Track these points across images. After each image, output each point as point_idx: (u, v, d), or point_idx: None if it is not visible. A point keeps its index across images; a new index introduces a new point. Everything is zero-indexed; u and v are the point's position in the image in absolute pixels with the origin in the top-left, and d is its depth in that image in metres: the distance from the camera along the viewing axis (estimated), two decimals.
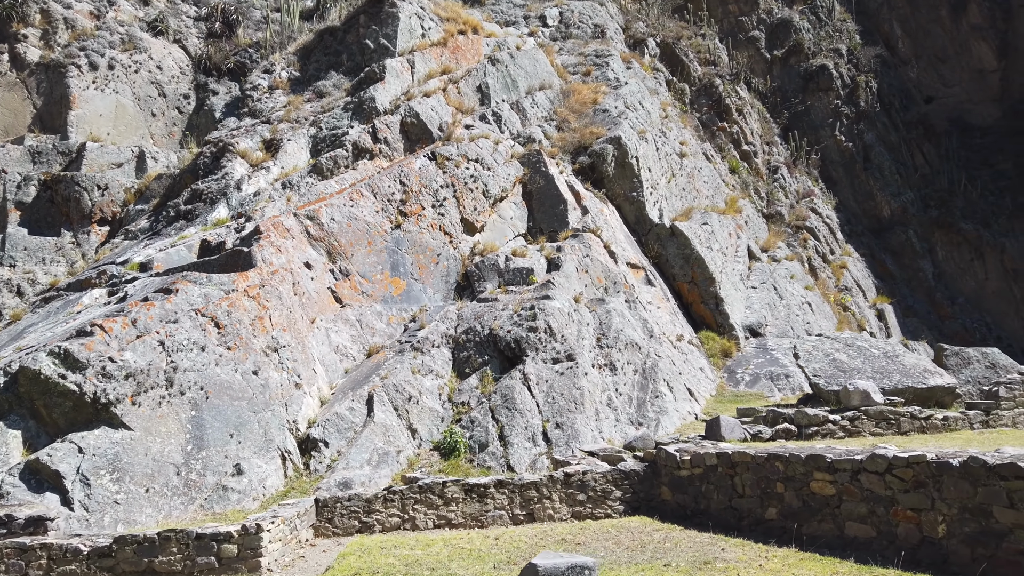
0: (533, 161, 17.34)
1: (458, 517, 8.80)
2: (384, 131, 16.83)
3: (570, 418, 11.84)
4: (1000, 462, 5.79)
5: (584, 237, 15.99)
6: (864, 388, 11.63)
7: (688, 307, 18.16)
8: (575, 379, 12.45)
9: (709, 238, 18.74)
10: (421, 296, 14.21)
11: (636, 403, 13.16)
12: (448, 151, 16.02)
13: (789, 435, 11.27)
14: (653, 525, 8.41)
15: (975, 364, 13.42)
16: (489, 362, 12.80)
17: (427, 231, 14.72)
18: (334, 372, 12.17)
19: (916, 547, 6.38)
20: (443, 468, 10.96)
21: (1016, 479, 5.66)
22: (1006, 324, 30.81)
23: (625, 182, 18.55)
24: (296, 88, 19.33)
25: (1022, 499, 5.62)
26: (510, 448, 11.32)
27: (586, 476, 9.21)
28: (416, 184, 15.02)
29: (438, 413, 11.94)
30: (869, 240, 30.86)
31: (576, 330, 13.42)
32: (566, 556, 5.35)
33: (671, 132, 22.17)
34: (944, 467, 6.16)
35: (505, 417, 11.75)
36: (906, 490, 6.48)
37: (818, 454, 7.32)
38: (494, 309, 13.67)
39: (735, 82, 30.91)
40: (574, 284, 14.75)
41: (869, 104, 32.80)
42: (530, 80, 20.65)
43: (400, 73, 18.51)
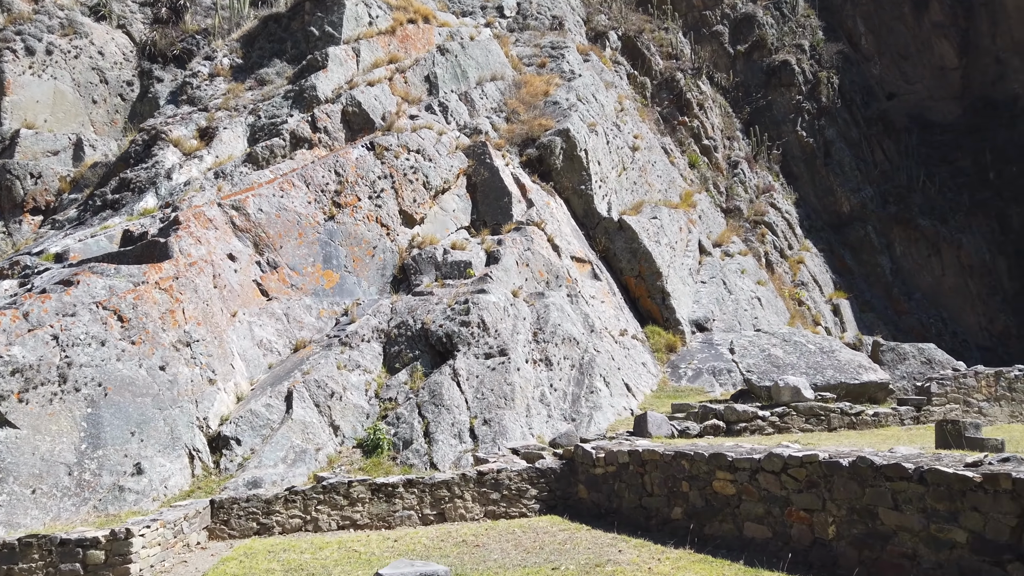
0: (478, 153, 17.02)
1: (364, 518, 8.51)
2: (324, 120, 16.40)
3: (499, 414, 11.59)
4: (886, 462, 5.62)
5: (527, 230, 15.73)
6: (795, 384, 11.53)
7: (635, 302, 18.00)
8: (507, 374, 12.20)
9: (658, 232, 18.59)
10: (355, 289, 13.86)
11: (571, 399, 12.95)
12: (388, 141, 15.64)
13: (717, 431, 11.13)
14: (562, 525, 8.19)
15: (911, 360, 13.40)
16: (420, 357, 12.50)
17: (363, 223, 14.35)
18: (256, 367, 11.79)
19: (808, 548, 6.21)
20: (364, 466, 10.66)
21: (901, 480, 5.50)
22: (962, 319, 31.17)
23: (574, 175, 18.31)
24: (238, 76, 18.80)
25: (906, 500, 5.46)
26: (435, 445, 11.04)
27: (500, 475, 8.96)
28: (352, 175, 14.64)
29: (363, 409, 11.62)
30: (828, 235, 31.00)
31: (511, 324, 13.16)
32: (418, 564, 5.08)
33: (626, 125, 21.97)
34: (834, 467, 5.99)
35: (432, 413, 11.46)
36: (800, 490, 6.31)
37: (720, 453, 7.13)
38: (428, 303, 13.37)
39: (697, 76, 30.79)
40: (513, 278, 14.49)
41: (830, 100, 32.92)
42: (481, 71, 20.31)
43: (344, 61, 18.06)
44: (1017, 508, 4.81)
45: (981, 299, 31.37)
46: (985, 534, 4.96)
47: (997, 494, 4.92)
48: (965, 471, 5.11)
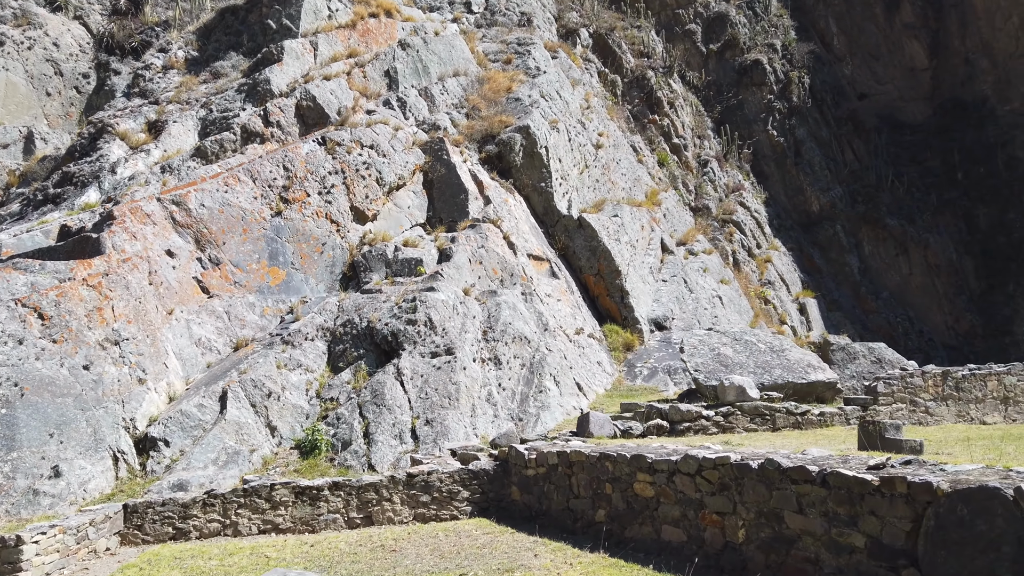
0: (435, 149, 16.80)
1: (287, 522, 8.29)
2: (277, 114, 16.10)
3: (441, 414, 11.40)
4: (792, 465, 5.50)
5: (482, 228, 15.54)
6: (740, 383, 11.44)
7: (594, 300, 17.88)
8: (452, 374, 12.01)
9: (618, 230, 18.47)
10: (302, 287, 13.60)
11: (520, 398, 12.79)
12: (340, 136, 15.38)
13: (661, 432, 11.02)
14: (488, 528, 8.02)
15: (861, 359, 13.38)
16: (365, 356, 12.28)
17: (312, 219, 14.09)
18: (193, 367, 11.51)
19: (720, 552, 6.09)
20: (300, 468, 10.43)
21: (805, 483, 5.38)
22: (928, 318, 31.41)
23: (534, 172, 18.14)
24: (193, 68, 18.43)
25: (811, 504, 5.35)
26: (374, 447, 10.83)
27: (431, 477, 8.77)
28: (302, 170, 14.37)
29: (303, 410, 11.38)
30: (798, 235, 31.11)
31: (460, 323, 12.98)
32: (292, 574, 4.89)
33: (591, 123, 21.84)
34: (744, 470, 5.87)
35: (372, 414, 11.25)
36: (713, 493, 6.19)
37: (640, 454, 7.00)
38: (376, 301, 13.15)
39: (668, 75, 30.74)
40: (465, 276, 14.30)
41: (801, 100, 33.02)
42: (443, 66, 20.08)
43: (301, 55, 17.76)
44: (912, 512, 4.70)
45: (948, 298, 31.65)
46: (882, 539, 4.85)
47: (893, 498, 4.81)
48: (865, 474, 5.00)
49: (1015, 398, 12.58)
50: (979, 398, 12.39)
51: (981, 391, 12.42)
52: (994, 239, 32.24)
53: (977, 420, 12.37)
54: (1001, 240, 32.06)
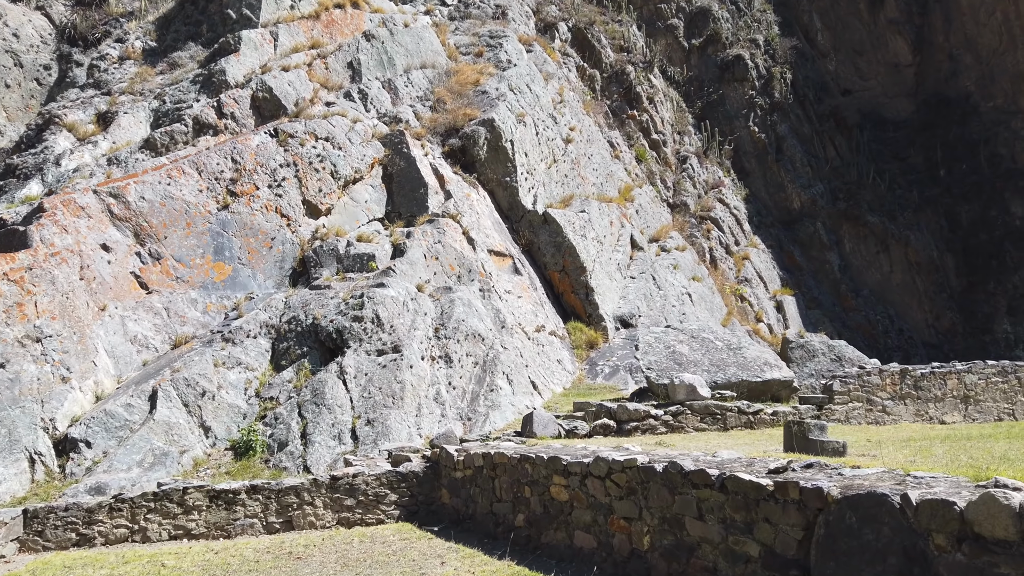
0: (395, 142, 16.45)
1: (200, 527, 7.96)
2: (232, 106, 15.73)
3: (384, 414, 11.07)
4: (692, 468, 5.19)
5: (440, 223, 15.20)
6: (690, 382, 11.14)
7: (559, 297, 17.56)
8: (398, 372, 11.69)
9: (585, 226, 18.15)
10: (249, 283, 13.25)
11: (470, 397, 12.47)
12: (294, 128, 15.02)
13: (608, 431, 10.72)
14: (408, 533, 7.71)
15: (821, 357, 13.11)
16: (308, 354, 11.94)
17: (260, 213, 13.74)
18: (128, 365, 11.16)
19: (627, 560, 5.78)
20: (232, 470, 10.09)
21: (705, 487, 5.07)
22: (909, 316, 31.20)
23: (498, 166, 17.80)
24: (150, 59, 18.04)
25: (710, 510, 5.04)
26: (311, 447, 10.50)
27: (356, 479, 8.45)
28: (251, 162, 14.01)
29: (240, 409, 11.04)
30: (778, 232, 30.84)
31: (410, 320, 12.65)
32: None
33: (563, 117, 21.50)
34: (650, 473, 5.56)
35: (311, 414, 10.92)
36: (621, 497, 5.88)
37: (556, 457, 6.68)
38: (324, 297, 12.81)
39: (648, 70, 30.41)
40: (420, 272, 13.97)
41: (783, 95, 32.75)
42: (410, 59, 19.72)
43: (260, 46, 17.39)
44: (803, 520, 4.39)
45: (928, 296, 31.44)
46: (775, 548, 4.55)
47: (786, 504, 4.50)
48: (761, 479, 4.70)
49: (976, 397, 12.32)
50: (938, 397, 12.12)
51: (940, 390, 12.15)
52: (976, 236, 32.04)
53: (936, 419, 12.11)
54: (983, 237, 31.86)
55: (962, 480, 4.10)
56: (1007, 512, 3.41)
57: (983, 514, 3.51)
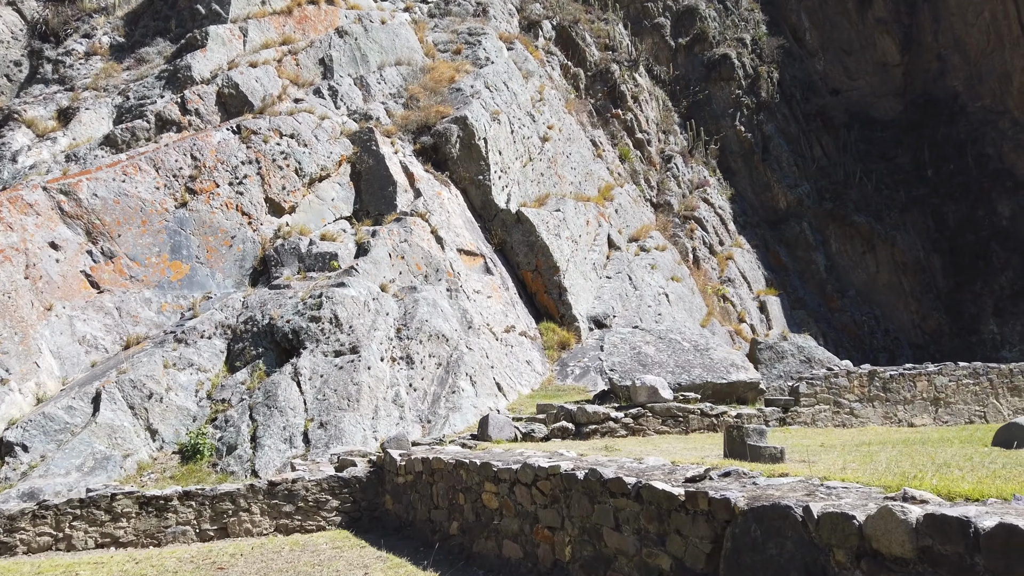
0: (364, 139, 16.19)
1: (128, 535, 7.69)
2: (196, 102, 15.45)
3: (338, 416, 10.81)
4: (611, 476, 4.94)
5: (407, 221, 14.94)
6: (651, 383, 10.89)
7: (532, 297, 17.31)
8: (355, 373, 11.42)
9: (559, 225, 17.90)
10: (207, 282, 12.97)
11: (432, 399, 12.21)
12: (257, 125, 14.75)
13: (566, 434, 10.46)
14: (342, 541, 7.45)
15: (790, 358, 12.86)
16: (264, 355, 11.67)
17: (220, 211, 13.46)
18: (75, 366, 10.88)
19: (550, 571, 5.53)
20: (178, 474, 9.82)
21: (622, 496, 4.82)
22: (895, 317, 30.99)
23: (471, 165, 17.54)
24: (117, 55, 17.76)
25: (627, 520, 4.78)
26: (261, 451, 10.23)
27: (295, 485, 8.18)
28: (211, 159, 13.73)
29: (190, 411, 10.77)
30: (764, 231, 30.62)
31: (370, 320, 12.38)
32: None
33: (542, 116, 21.24)
34: (571, 481, 5.30)
35: (263, 416, 10.65)
36: (545, 505, 5.62)
37: (488, 463, 6.43)
38: (282, 297, 12.54)
39: (634, 68, 30.16)
40: (384, 271, 13.71)
41: (770, 95, 32.53)
42: (385, 55, 19.46)
43: (228, 41, 17.11)
44: (711, 532, 4.14)
45: (914, 297, 31.25)
46: (685, 561, 4.30)
47: (696, 515, 4.25)
48: (674, 488, 4.44)
49: (946, 399, 12.09)
50: (907, 399, 11.88)
51: (910, 392, 11.92)
52: (962, 236, 31.86)
53: (905, 422, 11.87)
54: (969, 238, 31.68)
55: (874, 491, 3.86)
56: (904, 528, 3.17)
57: (880, 529, 3.27)
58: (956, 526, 2.99)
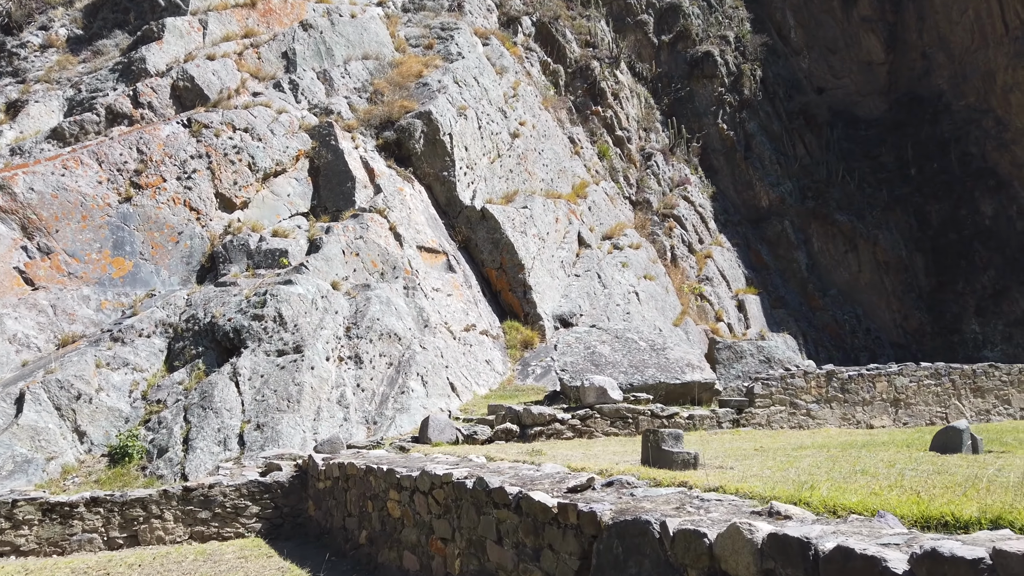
0: (323, 134, 15.84)
1: (30, 543, 7.35)
2: (149, 95, 15.08)
3: (276, 418, 10.47)
4: (496, 486, 4.61)
5: (364, 218, 14.61)
6: (600, 384, 10.57)
7: (497, 295, 16.98)
8: (297, 373, 11.08)
9: (525, 223, 17.57)
10: (152, 279, 12.62)
11: (379, 400, 11.88)
12: (209, 118, 14.39)
13: (510, 436, 10.14)
14: (252, 550, 7.12)
15: (749, 358, 12.56)
16: (204, 354, 11.33)
17: (167, 206, 13.10)
18: (4, 365, 10.51)
19: None
20: (104, 478, 9.47)
21: (504, 507, 4.49)
22: (876, 316, 30.74)
23: (436, 160, 17.20)
24: (74, 47, 17.37)
25: (507, 532, 4.46)
26: (192, 453, 9.89)
27: (212, 491, 7.85)
28: (159, 153, 13.37)
29: (123, 413, 10.42)
30: (746, 230, 30.33)
31: (318, 319, 12.04)
32: None
33: (514, 112, 20.91)
34: (461, 490, 4.98)
35: (197, 417, 10.30)
36: (439, 515, 5.30)
37: (392, 469, 6.10)
38: (227, 295, 12.19)
39: (615, 66, 29.84)
40: (336, 268, 13.37)
41: (753, 93, 32.23)
42: (351, 49, 19.10)
43: (186, 33, 16.74)
44: (579, 548, 3.82)
45: (896, 296, 31.00)
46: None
47: (566, 529, 3.93)
48: (550, 500, 4.12)
49: (907, 400, 11.80)
50: (867, 400, 11.59)
51: (869, 393, 11.63)
52: (945, 236, 31.61)
53: (864, 423, 11.58)
54: (952, 237, 31.43)
55: (746, 504, 3.54)
56: (749, 548, 2.85)
57: (728, 549, 2.95)
58: (797, 548, 2.68)
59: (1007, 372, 12.39)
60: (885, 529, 2.81)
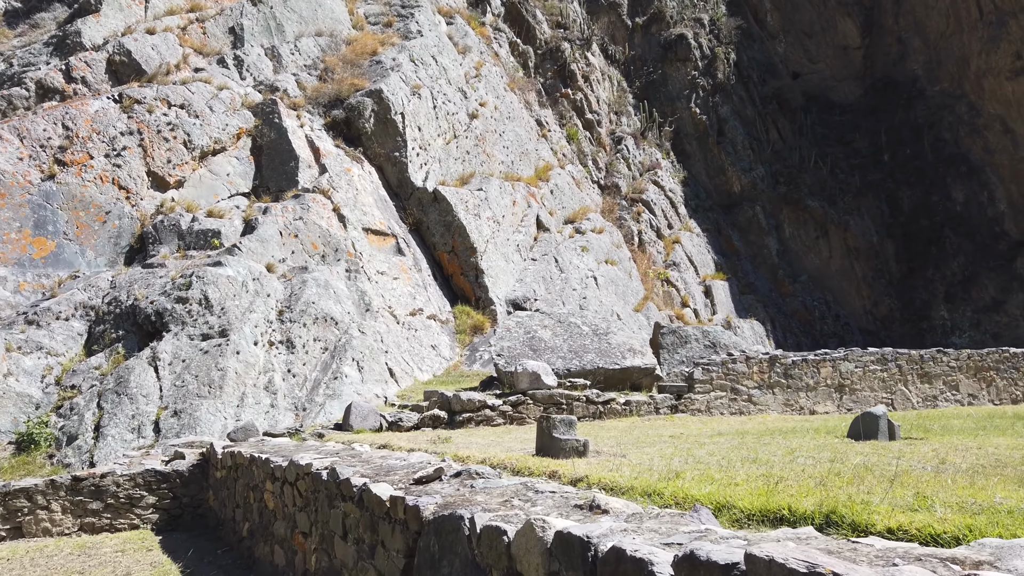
0: (267, 111, 15.29)
1: None
2: (82, 69, 14.46)
3: (195, 404, 10.04)
4: (344, 477, 4.24)
5: (306, 198, 14.12)
6: (534, 369, 10.23)
7: (449, 279, 16.58)
8: (221, 358, 10.65)
9: (480, 205, 17.14)
10: (76, 260, 12.10)
11: (311, 385, 11.48)
12: (142, 93, 13.81)
13: (437, 423, 9.79)
14: (136, 543, 6.73)
15: (693, 343, 12.26)
16: (124, 338, 10.86)
17: (94, 184, 12.56)
18: None
19: None
20: (8, 467, 9.03)
21: (349, 500, 4.13)
22: (846, 302, 30.63)
23: (387, 140, 16.71)
24: (11, 21, 16.66)
25: (351, 527, 4.10)
26: (104, 440, 9.45)
27: (104, 480, 7.45)
28: (86, 129, 12.81)
29: (33, 399, 9.95)
30: (717, 215, 30.04)
31: (247, 302, 11.60)
32: None
33: (475, 92, 20.39)
34: (318, 481, 4.61)
35: (111, 403, 9.86)
36: (301, 508, 4.93)
37: (268, 459, 5.72)
38: (152, 276, 11.71)
39: (586, 47, 29.33)
40: (273, 250, 12.91)
41: (727, 76, 31.83)
42: (304, 25, 18.49)
43: (126, 7, 16.08)
44: (405, 545, 3.46)
45: (867, 282, 30.90)
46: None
47: (395, 524, 3.57)
48: (391, 492, 3.76)
49: (851, 386, 11.56)
50: (810, 386, 11.34)
51: (813, 378, 11.37)
52: (916, 222, 31.51)
53: (807, 409, 11.33)
54: (923, 223, 31.33)
55: (575, 497, 3.19)
56: (539, 548, 2.50)
57: (523, 549, 2.60)
58: (578, 548, 2.33)
59: (955, 358, 12.18)
60: (689, 526, 2.47)
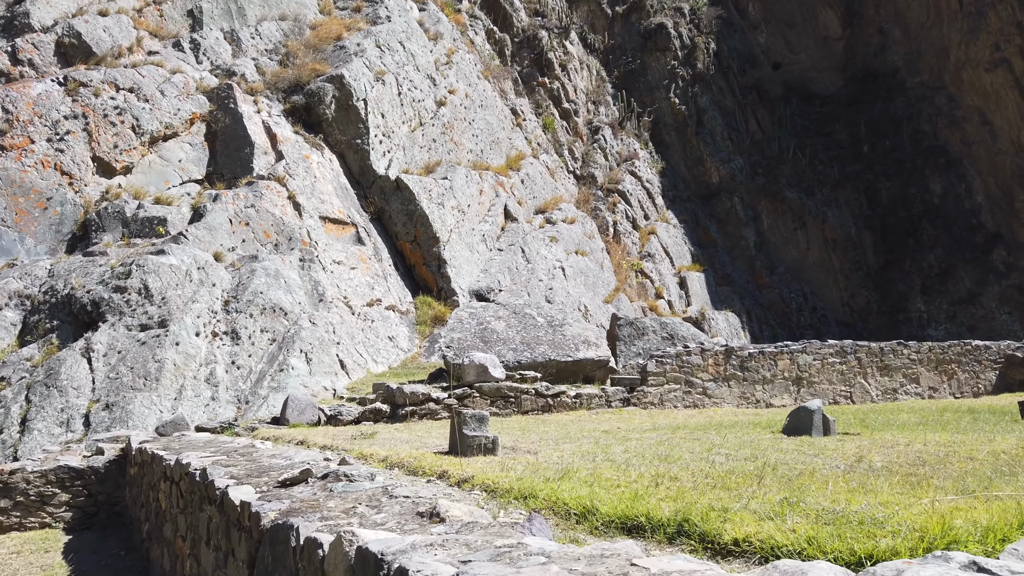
0: (222, 97, 14.87)
1: None
2: (30, 52, 13.98)
3: (128, 397, 9.70)
4: (212, 478, 3.93)
5: (259, 185, 13.74)
6: (480, 362, 9.94)
7: (411, 269, 16.26)
8: (158, 349, 10.30)
9: (444, 194, 16.80)
10: (15, 247, 11.69)
11: (256, 377, 11.15)
12: (89, 76, 13.37)
13: (379, 416, 9.49)
14: (36, 544, 6.41)
15: (651, 335, 12.01)
16: (59, 328, 10.49)
17: (34, 169, 12.13)
18: None
19: None
20: None
21: (212, 504, 3.82)
22: (824, 294, 30.51)
23: (349, 127, 16.32)
24: None
25: (215, 533, 3.80)
26: (29, 435, 9.11)
27: (13, 477, 7.11)
28: (27, 112, 12.36)
29: None
30: (695, 207, 29.80)
31: (190, 292, 11.24)
32: None
33: (445, 80, 19.99)
34: (194, 482, 4.30)
35: (40, 396, 9.50)
36: (182, 510, 4.62)
37: (162, 456, 5.41)
38: (92, 265, 11.32)
39: (564, 36, 28.94)
40: (221, 238, 12.54)
41: (706, 66, 31.52)
42: (267, 9, 18.03)
43: None
44: (248, 555, 3.17)
45: (844, 274, 30.79)
46: None
47: (243, 531, 3.28)
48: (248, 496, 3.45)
49: (809, 379, 11.36)
50: (767, 378, 11.12)
51: (770, 371, 11.15)
52: (894, 214, 31.40)
53: (764, 403, 11.12)
54: (901, 215, 31.23)
55: (423, 503, 2.90)
56: (344, 565, 2.22)
57: (332, 565, 2.32)
58: (373, 566, 2.05)
59: (916, 351, 12.01)
60: (509, 539, 2.18)
